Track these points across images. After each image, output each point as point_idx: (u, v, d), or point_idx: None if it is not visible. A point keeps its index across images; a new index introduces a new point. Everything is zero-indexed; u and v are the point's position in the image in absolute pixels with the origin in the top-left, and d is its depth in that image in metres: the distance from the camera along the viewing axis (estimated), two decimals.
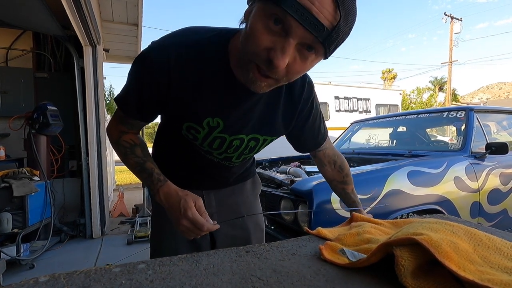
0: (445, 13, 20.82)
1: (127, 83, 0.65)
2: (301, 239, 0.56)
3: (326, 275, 0.40)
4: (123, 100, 0.66)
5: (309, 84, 0.73)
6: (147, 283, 0.38)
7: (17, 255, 2.34)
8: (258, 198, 0.96)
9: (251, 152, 0.76)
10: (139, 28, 3.75)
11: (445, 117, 2.47)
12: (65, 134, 3.29)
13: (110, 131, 0.73)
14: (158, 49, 0.60)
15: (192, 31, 0.62)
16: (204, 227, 0.58)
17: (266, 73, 0.51)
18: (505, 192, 2.11)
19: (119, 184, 7.71)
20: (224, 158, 0.75)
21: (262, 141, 0.74)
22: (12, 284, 0.36)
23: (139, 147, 0.71)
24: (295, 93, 0.71)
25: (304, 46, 0.48)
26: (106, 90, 18.24)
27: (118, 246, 2.99)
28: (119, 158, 0.74)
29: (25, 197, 2.50)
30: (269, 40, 0.47)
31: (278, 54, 0.47)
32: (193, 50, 0.59)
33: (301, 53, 0.49)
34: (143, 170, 0.68)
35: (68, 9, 2.42)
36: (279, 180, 2.02)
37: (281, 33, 0.47)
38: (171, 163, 0.81)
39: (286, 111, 0.72)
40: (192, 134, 0.68)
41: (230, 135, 0.69)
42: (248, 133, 0.70)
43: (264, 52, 0.48)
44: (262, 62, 0.49)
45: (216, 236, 0.85)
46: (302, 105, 0.73)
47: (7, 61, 3.41)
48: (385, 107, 8.31)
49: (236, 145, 0.71)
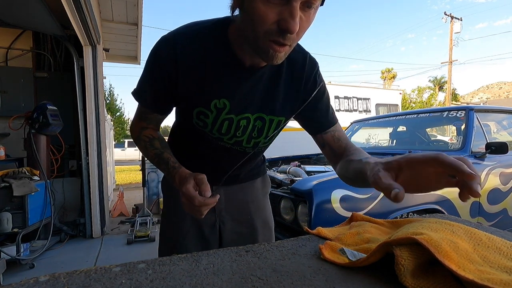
0: (445, 13, 20.85)
1: (142, 77, 0.71)
2: (301, 239, 0.56)
3: (326, 275, 0.40)
4: (139, 93, 0.73)
5: (310, 59, 0.74)
6: (147, 283, 0.38)
7: (17, 255, 2.34)
8: (267, 197, 0.97)
9: (260, 135, 0.76)
10: (139, 27, 3.75)
11: (445, 117, 2.47)
12: (65, 133, 3.29)
13: (132, 129, 0.79)
14: (165, 42, 0.66)
15: (193, 23, 0.68)
16: (194, 199, 0.58)
17: (282, 42, 0.53)
18: (505, 192, 2.11)
19: (119, 184, 7.71)
20: (234, 142, 0.76)
21: (269, 121, 0.74)
22: (12, 284, 0.36)
23: (157, 140, 0.76)
24: (297, 69, 0.72)
25: (304, 4, 0.51)
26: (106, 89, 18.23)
27: (118, 245, 2.99)
28: (141, 152, 0.80)
29: (25, 197, 2.50)
30: (275, 13, 0.50)
31: (289, 21, 0.50)
32: (195, 38, 0.65)
33: (304, 12, 0.52)
34: (161, 160, 0.72)
35: (68, 8, 2.42)
36: (279, 180, 2.02)
37: (282, 3, 0.50)
38: (185, 159, 0.84)
39: (289, 88, 0.72)
40: (202, 120, 0.71)
41: (236, 114, 0.71)
42: (254, 112, 0.72)
43: (274, 25, 0.51)
44: (277, 35, 0.52)
45: (223, 232, 0.87)
46: (305, 81, 0.73)
47: (7, 61, 3.41)
48: (385, 107, 8.31)
49: (244, 126, 0.73)
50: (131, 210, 4.34)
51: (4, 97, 3.33)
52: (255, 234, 0.89)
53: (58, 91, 3.51)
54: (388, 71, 33.83)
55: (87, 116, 3.19)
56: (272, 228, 0.95)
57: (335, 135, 0.76)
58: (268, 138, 0.78)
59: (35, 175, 2.73)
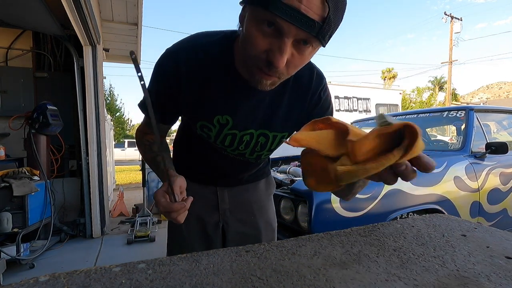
0: (445, 13, 20.85)
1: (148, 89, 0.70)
2: (301, 239, 0.56)
3: (326, 275, 0.40)
4: (144, 104, 0.72)
5: (318, 75, 0.72)
6: (147, 283, 0.38)
7: (17, 255, 2.34)
8: (271, 199, 0.97)
9: (263, 149, 0.76)
10: (139, 27, 3.75)
11: (445, 117, 2.47)
12: (65, 133, 3.29)
13: (136, 133, 0.80)
14: (169, 55, 0.65)
15: (203, 34, 0.67)
16: (158, 204, 0.57)
17: (268, 73, 0.53)
18: (505, 192, 2.11)
19: (119, 184, 7.71)
20: (237, 154, 0.77)
21: (272, 137, 0.74)
22: (12, 283, 0.36)
23: (156, 144, 0.76)
24: (302, 85, 0.70)
25: (299, 41, 0.49)
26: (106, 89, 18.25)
27: (118, 245, 2.99)
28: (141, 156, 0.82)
29: (25, 197, 2.50)
30: (266, 43, 0.49)
31: (276, 55, 0.49)
32: (200, 52, 0.64)
33: (298, 48, 0.50)
34: (155, 162, 0.73)
35: (67, 8, 2.42)
36: (279, 180, 2.02)
37: (275, 34, 0.48)
38: (189, 161, 0.86)
39: (293, 105, 0.71)
40: (206, 133, 0.71)
41: (239, 130, 0.71)
42: (257, 129, 0.71)
43: (263, 54, 0.50)
44: (263, 64, 0.51)
45: (227, 232, 0.88)
46: (311, 97, 0.71)
47: (7, 61, 3.41)
48: (385, 107, 8.31)
49: (247, 141, 0.73)
50: (131, 210, 4.34)
51: (4, 97, 3.33)
52: (258, 235, 0.89)
53: (58, 91, 3.51)
54: (389, 71, 33.85)
55: (87, 116, 3.18)
56: (275, 229, 0.96)
57: None
58: (271, 150, 0.78)
59: (35, 175, 2.73)
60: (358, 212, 1.55)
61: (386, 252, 0.47)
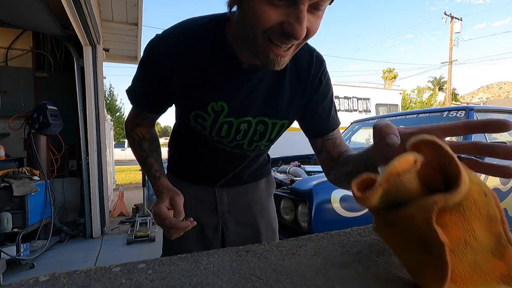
0: (445, 13, 20.87)
1: (135, 76, 0.69)
2: (301, 239, 0.56)
3: (326, 275, 0.40)
4: (132, 91, 0.71)
5: (317, 58, 0.68)
6: (147, 283, 0.38)
7: (17, 255, 2.34)
8: (271, 199, 0.94)
9: (261, 138, 0.72)
10: (139, 27, 3.75)
11: (445, 117, 2.47)
12: (65, 133, 3.29)
13: (126, 124, 0.78)
14: (158, 41, 0.63)
15: (190, 20, 0.64)
16: (165, 221, 0.58)
17: (286, 46, 0.50)
18: (505, 192, 2.11)
19: (119, 184, 7.71)
20: (235, 146, 0.73)
21: (271, 125, 0.70)
22: (12, 283, 0.36)
23: (147, 141, 0.75)
24: (302, 69, 0.67)
25: (312, 7, 0.47)
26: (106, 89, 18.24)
27: (118, 245, 3.00)
28: (129, 148, 0.81)
29: (25, 197, 2.50)
30: (279, 14, 0.46)
31: (295, 26, 0.46)
32: (191, 37, 0.61)
33: (312, 14, 0.48)
34: (145, 164, 0.73)
35: (68, 8, 2.42)
36: (279, 180, 2.02)
37: (287, 5, 0.46)
38: (185, 160, 0.84)
39: (293, 90, 0.67)
40: (200, 124, 0.68)
41: (236, 118, 0.67)
42: (255, 116, 0.68)
43: (277, 26, 0.47)
44: (278, 38, 0.48)
45: (226, 235, 0.84)
46: (311, 81, 0.68)
47: (7, 61, 3.41)
48: (385, 107, 8.31)
49: (244, 129, 0.69)
50: (131, 210, 4.34)
51: (4, 97, 3.33)
52: (258, 237, 0.86)
53: (58, 91, 3.51)
54: (389, 71, 33.87)
55: (87, 116, 3.19)
56: (276, 230, 0.93)
57: (336, 142, 0.71)
58: (271, 140, 0.74)
59: (35, 175, 2.73)
60: (358, 212, 1.55)
61: (386, 252, 0.47)
